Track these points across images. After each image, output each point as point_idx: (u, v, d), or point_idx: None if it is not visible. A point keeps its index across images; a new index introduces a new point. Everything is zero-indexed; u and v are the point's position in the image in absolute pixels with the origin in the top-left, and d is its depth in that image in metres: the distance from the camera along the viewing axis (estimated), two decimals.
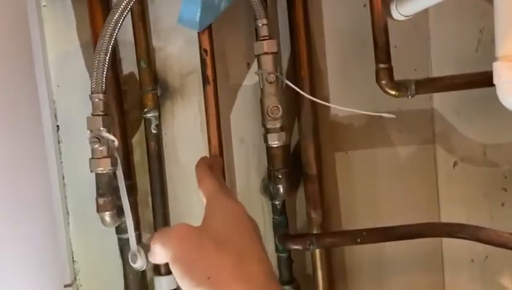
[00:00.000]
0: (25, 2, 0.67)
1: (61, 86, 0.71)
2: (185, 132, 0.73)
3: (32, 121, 0.67)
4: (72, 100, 0.71)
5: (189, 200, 0.73)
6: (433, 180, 0.76)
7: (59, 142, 0.72)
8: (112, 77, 0.68)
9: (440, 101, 0.75)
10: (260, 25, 0.62)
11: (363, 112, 0.64)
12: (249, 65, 0.73)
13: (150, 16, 0.71)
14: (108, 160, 0.58)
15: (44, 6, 0.70)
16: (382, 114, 0.63)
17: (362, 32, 0.69)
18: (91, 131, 0.58)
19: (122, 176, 0.58)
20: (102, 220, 0.62)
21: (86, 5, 0.68)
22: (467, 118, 0.75)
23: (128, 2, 0.58)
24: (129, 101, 0.72)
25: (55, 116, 0.71)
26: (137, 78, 0.70)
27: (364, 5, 0.70)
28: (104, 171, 0.58)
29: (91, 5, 0.67)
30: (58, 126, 0.72)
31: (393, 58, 0.68)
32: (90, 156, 0.58)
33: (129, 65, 0.71)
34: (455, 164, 0.76)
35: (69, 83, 0.71)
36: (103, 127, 0.58)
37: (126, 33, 0.69)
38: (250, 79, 0.73)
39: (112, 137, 0.58)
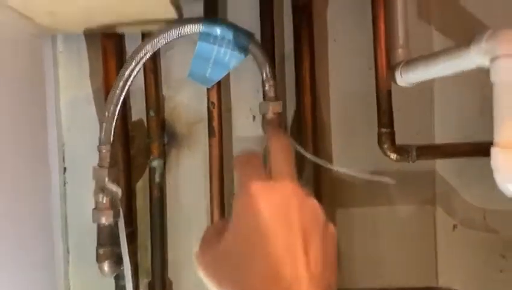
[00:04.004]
0: (41, 46, 0.69)
1: (70, 130, 0.73)
2: (188, 181, 0.74)
3: (39, 160, 0.68)
4: (80, 144, 0.73)
5: (189, 248, 0.74)
6: (433, 241, 0.76)
7: (65, 184, 0.73)
8: (121, 123, 0.70)
9: (442, 163, 0.75)
10: (267, 86, 0.64)
11: (363, 176, 0.64)
12: (254, 118, 0.75)
13: (162, 65, 0.74)
14: (111, 212, 0.60)
15: (61, 52, 0.73)
16: (382, 179, 0.64)
17: (367, 94, 0.70)
18: (96, 182, 0.60)
19: (124, 228, 0.60)
20: (101, 269, 0.63)
21: (100, 53, 0.70)
22: (468, 182, 0.75)
23: (141, 57, 0.61)
24: (136, 147, 0.73)
25: (63, 158, 0.73)
26: (146, 125, 0.72)
27: (370, 68, 0.72)
28: (106, 223, 0.60)
29: (105, 54, 0.70)
30: (65, 168, 0.73)
31: (397, 120, 0.69)
32: (94, 207, 0.60)
33: (139, 112, 0.73)
34: (455, 226, 0.76)
35: (78, 127, 0.73)
36: (108, 178, 0.59)
37: (137, 82, 0.71)
38: (255, 131, 0.74)
39: (116, 189, 0.60)
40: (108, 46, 0.69)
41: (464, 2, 0.75)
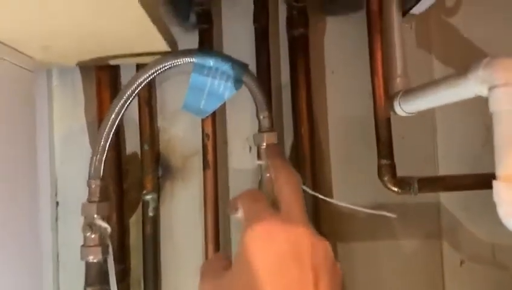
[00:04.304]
0: (33, 80, 0.68)
1: (64, 163, 0.72)
2: (183, 214, 0.72)
3: (30, 195, 0.66)
4: (74, 178, 0.71)
5: (183, 284, 0.71)
6: (439, 278, 0.72)
7: (56, 219, 0.71)
8: (115, 156, 0.69)
9: (447, 195, 0.72)
10: (262, 117, 0.62)
11: (363, 210, 0.62)
12: (251, 149, 0.73)
13: (157, 97, 0.73)
14: (100, 248, 0.57)
15: (56, 85, 0.73)
16: (383, 213, 0.61)
17: (367, 122, 0.68)
18: (85, 217, 0.58)
19: (113, 266, 0.57)
20: None
21: (94, 85, 0.70)
22: (475, 215, 0.72)
23: (133, 90, 0.60)
24: (130, 180, 0.72)
25: (56, 192, 0.72)
26: (140, 159, 0.71)
27: (370, 97, 0.70)
28: (95, 260, 0.57)
29: (99, 85, 0.69)
30: (57, 202, 0.72)
31: (399, 149, 0.67)
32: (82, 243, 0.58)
33: (133, 145, 0.72)
34: (462, 262, 0.72)
35: (72, 161, 0.72)
36: (97, 214, 0.58)
37: (132, 114, 0.70)
38: (252, 163, 0.73)
39: (105, 225, 0.58)
40: (103, 77, 0.69)
41: (464, 29, 0.74)
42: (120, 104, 0.59)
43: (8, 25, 0.49)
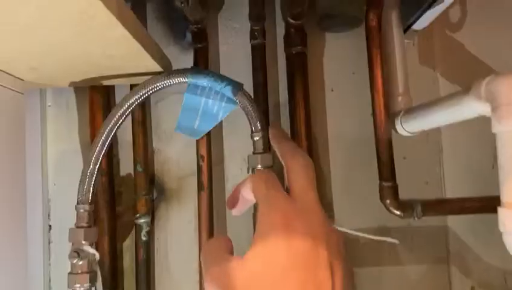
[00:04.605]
0: (24, 101, 0.67)
1: (57, 185, 0.70)
2: (177, 237, 0.70)
3: (20, 218, 0.65)
4: (67, 200, 0.69)
5: None
6: None
7: (49, 243, 0.69)
8: (107, 178, 0.67)
9: (455, 218, 0.69)
10: (256, 138, 0.60)
11: (366, 236, 0.59)
12: (248, 170, 0.70)
13: (152, 117, 0.71)
14: (87, 276, 0.55)
15: (50, 106, 0.71)
16: (386, 239, 0.58)
17: (368, 141, 0.65)
18: (72, 244, 0.56)
19: None
20: None
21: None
22: (484, 239, 0.68)
23: (124, 112, 0.58)
24: (124, 203, 0.69)
25: (48, 215, 0.70)
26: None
27: (372, 114, 0.68)
28: (82, 289, 0.55)
29: (92, 106, 0.68)
30: (50, 226, 0.70)
31: (403, 170, 0.64)
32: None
33: (128, 166, 0.70)
34: (473, 288, 0.68)
35: (66, 183, 0.70)
36: (84, 240, 0.55)
37: (126, 134, 0.69)
38: None
39: (93, 251, 0.56)
40: (95, 98, 0.67)
41: (469, 45, 0.71)
42: (110, 126, 0.57)
43: None
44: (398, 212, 0.61)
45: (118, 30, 0.43)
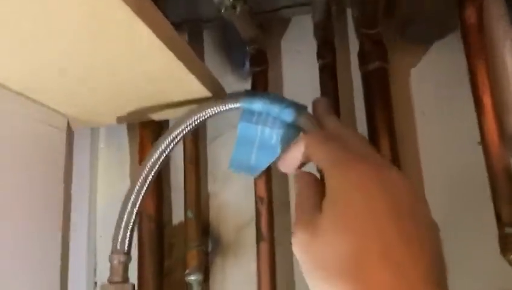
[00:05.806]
0: (74, 141, 0.61)
1: (103, 237, 0.63)
2: None
3: (58, 276, 0.57)
4: None
5: None
6: None
7: None
8: (155, 225, 0.58)
9: None
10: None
11: None
12: None
13: (207, 155, 0.62)
14: None
15: (102, 147, 0.66)
16: None
17: (476, 174, 0.49)
18: None
19: None
20: None
21: None
22: None
23: (164, 149, 0.49)
24: (174, 257, 0.60)
25: (94, 271, 0.62)
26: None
27: (479, 142, 0.52)
28: None
29: (142, 143, 0.61)
30: (95, 283, 0.62)
31: None
32: None
33: (181, 214, 0.61)
34: None
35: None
36: None
37: (180, 175, 0.60)
38: None
39: None
40: (145, 135, 0.60)
41: None
42: (152, 160, 0.49)
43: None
44: None
45: (164, 53, 0.37)
